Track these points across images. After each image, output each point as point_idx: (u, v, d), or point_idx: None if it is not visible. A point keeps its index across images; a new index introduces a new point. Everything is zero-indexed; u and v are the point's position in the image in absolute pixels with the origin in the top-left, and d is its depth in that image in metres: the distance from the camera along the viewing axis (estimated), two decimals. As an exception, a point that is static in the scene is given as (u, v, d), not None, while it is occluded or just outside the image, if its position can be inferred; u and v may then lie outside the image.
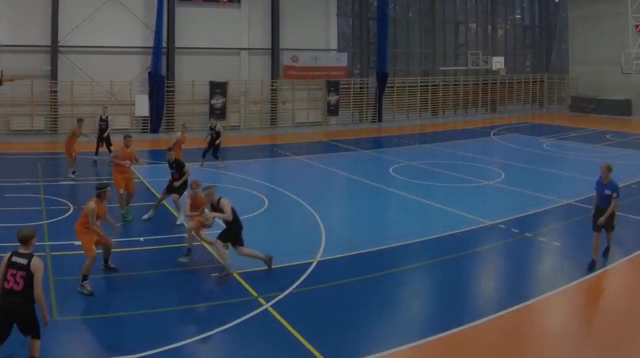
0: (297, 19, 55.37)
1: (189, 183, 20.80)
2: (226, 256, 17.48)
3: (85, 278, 15.81)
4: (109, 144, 34.40)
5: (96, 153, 34.43)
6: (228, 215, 17.40)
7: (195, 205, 18.95)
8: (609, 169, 18.80)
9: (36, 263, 11.54)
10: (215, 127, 34.58)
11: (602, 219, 18.43)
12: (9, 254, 11.65)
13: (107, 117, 34.85)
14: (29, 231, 11.95)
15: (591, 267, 18.32)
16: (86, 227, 16.24)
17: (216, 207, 17.65)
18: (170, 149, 24.32)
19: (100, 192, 16.60)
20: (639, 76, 55.98)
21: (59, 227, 21.45)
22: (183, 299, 15.03)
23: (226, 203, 17.44)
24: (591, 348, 13.90)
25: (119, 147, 21.86)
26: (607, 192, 18.59)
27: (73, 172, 30.79)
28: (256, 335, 13.68)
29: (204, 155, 33.95)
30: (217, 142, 34.10)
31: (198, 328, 14.05)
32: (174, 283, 16.31)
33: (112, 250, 17.64)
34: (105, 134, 34.70)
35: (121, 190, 23.01)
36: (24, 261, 11.44)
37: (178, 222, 22.59)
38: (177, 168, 23.18)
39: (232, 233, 17.58)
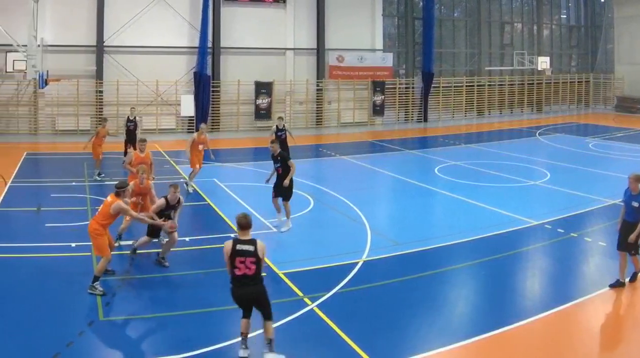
0: (342, 19, 53.63)
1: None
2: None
3: (96, 279, 15.18)
4: (134, 145, 31.34)
5: (125, 154, 31.27)
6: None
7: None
8: (637, 179, 16.27)
9: (261, 247, 12.05)
10: (283, 127, 31.44)
11: (633, 236, 15.98)
12: (231, 243, 12.03)
13: (134, 118, 33.06)
14: (248, 218, 12.29)
15: (616, 285, 16.38)
16: (103, 226, 15.55)
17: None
18: (273, 142, 22.54)
19: (120, 190, 15.81)
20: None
21: None
22: (228, 299, 13.55)
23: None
24: (638, 348, 13.47)
25: (133, 152, 19.84)
26: (636, 204, 16.18)
27: (99, 174, 29.72)
28: (302, 335, 13.39)
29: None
30: (290, 143, 31.53)
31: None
32: (219, 284, 15.10)
33: (157, 250, 17.73)
34: (135, 135, 32.44)
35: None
36: (250, 248, 11.92)
37: (284, 229, 21.37)
38: (282, 162, 21.51)
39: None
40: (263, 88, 50.26)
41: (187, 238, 19.72)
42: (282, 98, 51.61)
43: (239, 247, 11.96)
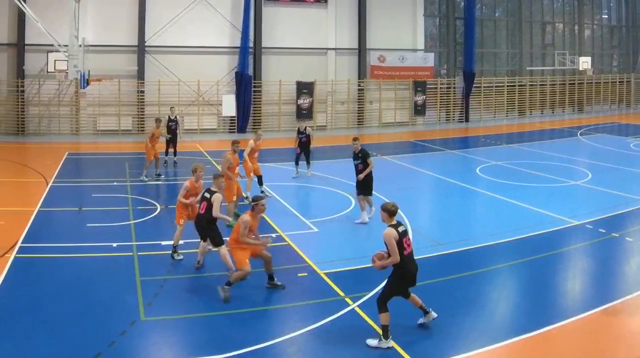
0: (383, 19, 51.85)
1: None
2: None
3: (229, 283, 14.65)
4: (175, 146, 32.20)
5: (166, 153, 32.03)
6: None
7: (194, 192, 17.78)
8: None
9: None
10: (304, 130, 30.10)
11: None
12: (392, 229, 12.26)
13: (175, 118, 32.37)
14: (396, 205, 12.70)
15: None
16: (237, 242, 14.94)
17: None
18: (355, 139, 22.25)
19: (254, 204, 15.10)
20: None
21: (145, 227, 20.79)
22: (270, 299, 14.37)
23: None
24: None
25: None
26: None
27: (158, 174, 28.96)
28: (343, 335, 12.89)
29: (296, 162, 30.12)
30: (311, 147, 29.97)
31: (285, 328, 13.28)
32: (260, 284, 15.12)
33: (198, 250, 17.06)
34: (176, 135, 32.32)
35: (234, 198, 21.33)
36: (406, 228, 12.53)
37: (357, 221, 21.47)
38: (362, 159, 21.51)
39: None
40: (304, 88, 48.93)
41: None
42: (323, 98, 50.17)
43: (400, 228, 12.44)
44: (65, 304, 14.10)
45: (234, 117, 46.75)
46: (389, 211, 12.49)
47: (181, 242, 17.68)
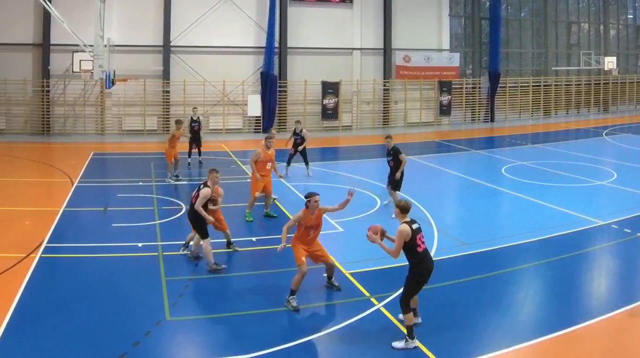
0: (409, 19, 50.61)
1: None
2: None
3: (292, 293, 14.06)
4: (199, 145, 31.34)
5: (189, 155, 31.18)
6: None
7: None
8: None
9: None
10: (300, 131, 29.17)
11: None
12: (407, 226, 12.12)
13: (198, 118, 31.33)
14: (408, 203, 12.64)
15: None
16: (298, 239, 14.56)
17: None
18: (389, 136, 22.91)
19: (307, 201, 14.62)
20: None
21: (170, 227, 20.44)
22: (297, 302, 13.70)
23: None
24: None
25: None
26: None
27: (176, 176, 28.10)
28: (368, 335, 12.72)
29: (288, 162, 29.15)
30: (302, 147, 29.04)
31: (311, 328, 13.02)
32: (286, 284, 14.36)
33: (224, 250, 17.53)
34: (199, 135, 31.38)
35: (257, 194, 21.35)
36: (419, 225, 12.41)
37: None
38: (394, 155, 22.16)
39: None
40: (330, 88, 47.75)
41: (253, 238, 19.32)
42: (349, 98, 48.96)
43: (414, 226, 12.29)
44: (91, 304, 13.92)
45: (259, 117, 45.75)
46: (401, 208, 12.43)
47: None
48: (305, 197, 14.73)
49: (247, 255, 18.02)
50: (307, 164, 29.26)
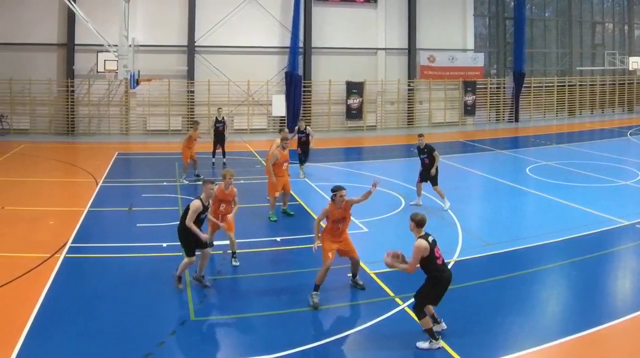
0: (433, 19, 49.38)
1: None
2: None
3: (316, 288, 13.84)
4: (223, 146, 30.55)
5: (213, 155, 30.77)
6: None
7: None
8: None
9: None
10: (305, 129, 28.40)
11: None
12: (423, 241, 11.81)
13: (223, 118, 30.58)
14: (425, 217, 12.14)
15: None
16: (327, 232, 14.34)
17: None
18: (421, 135, 22.76)
19: (333, 195, 14.44)
20: None
21: None
22: (320, 299, 13.55)
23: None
24: None
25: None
26: None
27: (197, 175, 27.19)
28: (393, 335, 12.49)
29: (301, 162, 28.37)
30: (312, 145, 28.36)
31: (335, 328, 12.90)
32: (310, 284, 14.01)
33: (248, 250, 17.11)
34: (224, 136, 30.63)
35: (277, 194, 21.16)
36: (434, 237, 12.03)
37: (446, 207, 22.12)
38: (428, 153, 22.19)
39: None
40: (354, 88, 46.69)
41: (278, 238, 18.92)
42: (373, 98, 47.86)
43: (430, 238, 12.04)
44: (115, 304, 13.69)
45: (284, 117, 44.85)
46: (418, 221, 12.08)
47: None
48: (332, 191, 14.47)
49: (272, 255, 17.77)
50: (302, 163, 28.18)
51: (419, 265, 11.87)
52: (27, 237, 18.56)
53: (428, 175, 22.21)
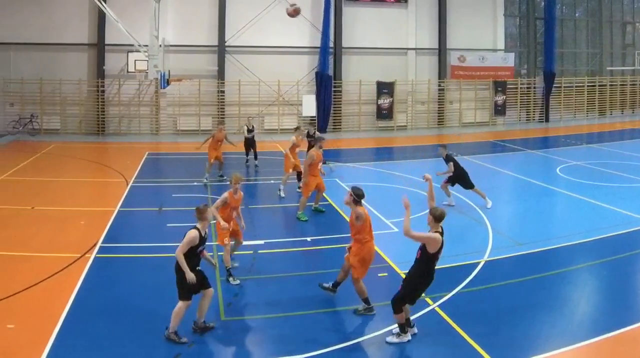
0: (464, 19, 47.76)
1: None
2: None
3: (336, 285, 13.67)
4: (255, 148, 29.86)
5: (247, 154, 30.11)
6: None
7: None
8: None
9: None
10: (313, 133, 27.90)
11: None
12: (440, 236, 11.53)
13: (253, 127, 29.71)
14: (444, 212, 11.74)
15: None
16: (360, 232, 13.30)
17: None
18: (443, 146, 22.73)
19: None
20: None
21: None
22: (350, 299, 13.38)
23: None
24: None
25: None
26: None
27: (221, 176, 26.86)
28: (423, 335, 12.13)
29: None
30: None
31: (366, 328, 12.59)
32: (343, 284, 13.69)
33: (279, 250, 16.97)
34: (255, 142, 30.04)
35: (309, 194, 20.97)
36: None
37: (489, 206, 21.89)
38: (447, 163, 22.02)
39: None
40: (385, 88, 45.19)
41: (308, 238, 18.48)
42: (403, 98, 46.42)
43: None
44: (145, 304, 13.42)
45: (314, 117, 43.56)
46: (437, 216, 11.73)
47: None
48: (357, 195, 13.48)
49: (302, 255, 17.29)
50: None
51: (419, 254, 11.68)
52: (57, 237, 18.13)
53: (456, 180, 22.16)
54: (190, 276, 11.45)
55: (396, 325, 11.81)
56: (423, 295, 13.34)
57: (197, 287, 11.72)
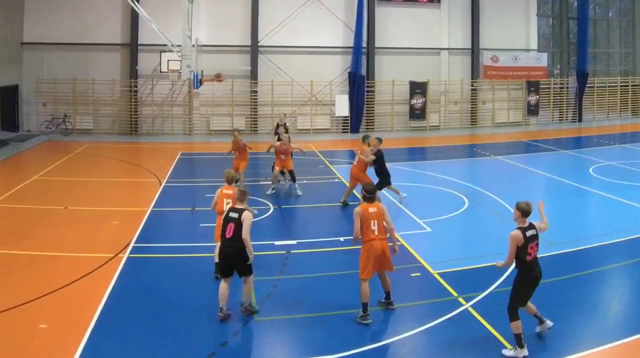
0: (496, 19, 45.89)
1: None
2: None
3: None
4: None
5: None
6: None
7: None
8: None
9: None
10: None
11: None
12: (519, 232, 11.07)
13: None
14: (530, 205, 11.27)
15: None
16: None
17: None
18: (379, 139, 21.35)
19: (370, 196, 12.88)
20: None
21: (258, 227, 18.22)
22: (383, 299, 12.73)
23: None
24: None
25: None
26: None
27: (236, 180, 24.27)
28: (456, 335, 11.68)
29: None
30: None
31: (399, 328, 12.11)
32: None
33: (311, 250, 16.71)
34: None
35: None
36: (536, 232, 11.33)
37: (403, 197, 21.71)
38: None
39: None
40: (417, 88, 43.42)
41: (341, 238, 17.84)
42: (436, 98, 44.63)
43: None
44: (178, 304, 13.15)
45: (347, 117, 42.10)
46: (522, 210, 11.06)
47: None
48: (370, 191, 13.06)
49: (334, 254, 16.86)
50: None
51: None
52: (90, 237, 17.83)
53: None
54: (252, 256, 12.24)
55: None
56: (456, 294, 13.48)
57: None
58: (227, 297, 12.30)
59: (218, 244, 13.51)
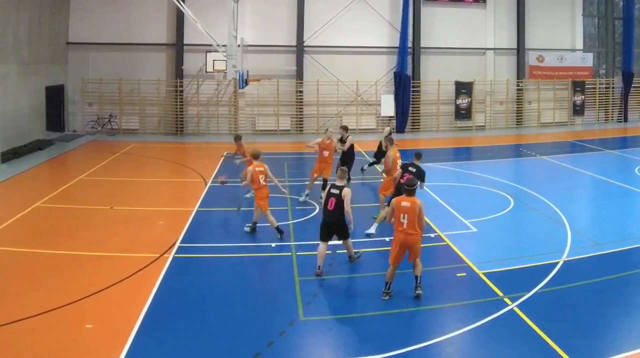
0: (542, 19, 43.53)
1: None
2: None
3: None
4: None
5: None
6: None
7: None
8: None
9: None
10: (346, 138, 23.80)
11: None
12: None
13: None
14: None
15: None
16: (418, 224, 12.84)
17: None
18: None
19: (412, 189, 12.85)
20: None
21: (304, 227, 18.63)
22: (428, 299, 12.56)
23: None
24: None
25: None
26: None
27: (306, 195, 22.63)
28: (502, 335, 11.35)
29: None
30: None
31: (444, 328, 11.74)
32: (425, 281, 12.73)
33: (357, 250, 15.72)
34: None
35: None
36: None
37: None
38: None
39: None
40: (463, 88, 41.22)
41: (387, 239, 16.87)
42: (482, 98, 42.33)
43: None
44: (224, 304, 12.82)
45: (393, 117, 40.08)
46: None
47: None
48: (410, 186, 13.11)
49: (379, 254, 16.05)
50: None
51: None
52: (136, 237, 17.40)
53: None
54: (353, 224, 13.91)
55: None
56: (502, 294, 13.02)
57: None
58: (324, 257, 13.81)
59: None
